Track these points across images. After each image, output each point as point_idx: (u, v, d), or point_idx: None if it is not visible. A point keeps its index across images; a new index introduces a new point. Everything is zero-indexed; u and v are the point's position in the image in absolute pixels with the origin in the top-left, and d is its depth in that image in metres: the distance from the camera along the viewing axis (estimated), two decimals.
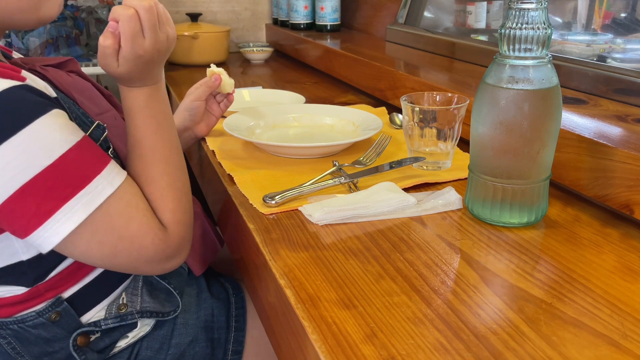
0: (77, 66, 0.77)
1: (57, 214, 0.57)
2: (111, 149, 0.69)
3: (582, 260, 0.58)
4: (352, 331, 0.47)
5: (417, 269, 0.57)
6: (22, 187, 0.55)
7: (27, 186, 0.55)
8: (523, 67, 0.60)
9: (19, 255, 0.64)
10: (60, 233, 0.57)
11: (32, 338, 0.67)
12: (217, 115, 0.98)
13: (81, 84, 0.74)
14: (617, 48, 0.94)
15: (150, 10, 0.63)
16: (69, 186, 0.57)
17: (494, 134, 0.62)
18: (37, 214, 0.56)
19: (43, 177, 0.56)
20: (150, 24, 0.63)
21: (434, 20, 1.51)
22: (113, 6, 1.71)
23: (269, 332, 0.65)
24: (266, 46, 1.95)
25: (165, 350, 0.76)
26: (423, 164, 0.83)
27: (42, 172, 0.56)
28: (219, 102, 0.98)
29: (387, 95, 1.19)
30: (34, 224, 0.57)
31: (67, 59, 0.75)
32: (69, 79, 0.71)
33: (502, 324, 0.48)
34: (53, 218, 0.57)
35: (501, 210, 0.65)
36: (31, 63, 0.69)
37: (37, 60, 0.71)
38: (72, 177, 0.58)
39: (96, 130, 0.67)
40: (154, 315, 0.74)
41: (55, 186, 0.56)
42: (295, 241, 0.63)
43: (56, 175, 0.56)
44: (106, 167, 0.61)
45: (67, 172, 0.57)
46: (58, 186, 0.57)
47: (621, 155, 0.64)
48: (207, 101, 0.97)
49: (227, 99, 0.98)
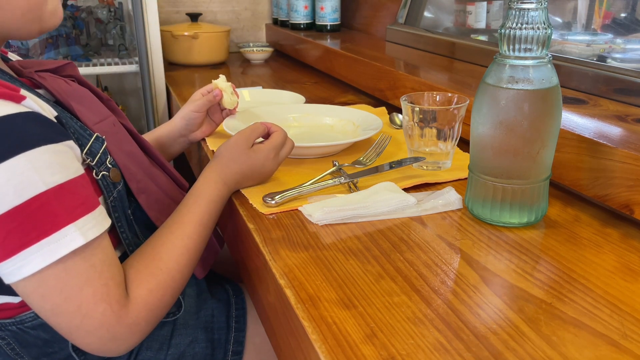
0: (76, 70, 0.76)
1: (16, 257, 0.54)
2: (109, 159, 0.68)
3: (582, 260, 0.58)
4: (352, 331, 0.47)
5: (417, 269, 0.57)
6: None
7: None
8: (523, 67, 0.60)
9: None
10: (16, 275, 0.54)
11: (31, 339, 0.67)
12: (217, 123, 1.01)
13: (80, 92, 0.73)
14: (617, 48, 0.94)
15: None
16: (34, 230, 0.54)
17: (494, 134, 0.62)
18: (1, 250, 0.54)
19: (10, 216, 0.53)
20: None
21: (434, 20, 1.51)
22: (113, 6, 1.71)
23: (269, 332, 0.65)
24: (266, 46, 1.95)
25: (165, 351, 0.76)
26: (423, 164, 0.83)
27: (10, 211, 0.53)
28: (222, 111, 0.99)
29: (387, 95, 1.19)
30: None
31: (65, 63, 0.74)
32: (68, 87, 0.70)
33: (502, 324, 0.48)
34: (12, 259, 0.54)
35: (501, 210, 0.65)
36: (29, 67, 0.68)
37: (34, 64, 0.70)
38: (40, 222, 0.54)
39: (95, 143, 0.65)
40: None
41: (20, 228, 0.53)
42: (295, 241, 0.63)
43: (23, 217, 0.53)
44: (85, 215, 0.56)
45: (35, 216, 0.54)
46: (22, 228, 0.54)
47: (621, 155, 0.64)
48: (211, 109, 0.99)
49: (231, 113, 1.00)
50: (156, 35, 1.56)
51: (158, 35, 1.57)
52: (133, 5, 1.50)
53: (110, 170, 0.67)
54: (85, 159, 0.63)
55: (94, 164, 0.64)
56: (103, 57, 1.73)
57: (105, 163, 0.66)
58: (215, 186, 0.73)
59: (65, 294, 0.56)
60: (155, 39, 1.56)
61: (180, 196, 0.77)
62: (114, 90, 1.92)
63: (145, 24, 1.53)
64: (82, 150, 0.62)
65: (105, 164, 0.66)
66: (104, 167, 0.66)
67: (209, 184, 0.73)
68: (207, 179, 0.73)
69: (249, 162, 0.76)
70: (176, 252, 0.65)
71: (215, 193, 0.72)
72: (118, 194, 0.68)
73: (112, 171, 0.67)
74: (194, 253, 0.68)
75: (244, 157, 0.76)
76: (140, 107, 1.86)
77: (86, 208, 0.57)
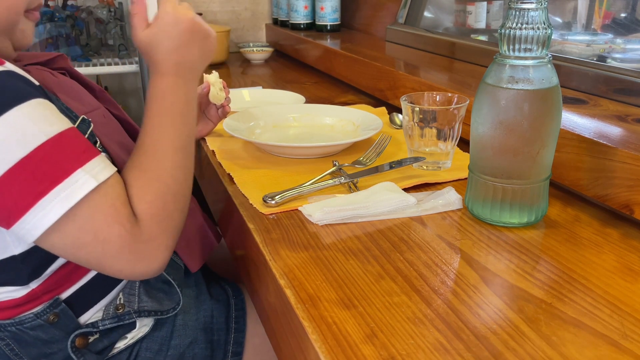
0: (67, 62, 0.75)
1: (33, 209, 0.55)
2: (98, 143, 0.67)
3: (582, 260, 0.58)
4: (352, 331, 0.47)
5: (417, 269, 0.57)
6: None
7: (3, 178, 0.54)
8: (523, 67, 0.60)
9: (11, 250, 0.63)
10: (39, 227, 0.56)
11: (31, 340, 0.67)
12: (214, 121, 0.99)
13: (67, 83, 0.72)
14: (617, 48, 0.94)
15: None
16: (45, 180, 0.55)
17: (494, 134, 0.62)
18: (16, 207, 0.55)
19: (17, 169, 0.54)
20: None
21: (434, 20, 1.51)
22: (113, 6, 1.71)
23: (269, 333, 0.65)
24: (266, 46, 1.95)
25: (164, 352, 0.76)
26: (423, 164, 0.83)
27: (17, 164, 0.54)
28: (218, 110, 0.98)
29: (387, 95, 1.19)
30: (14, 217, 0.56)
31: (56, 56, 0.73)
32: (54, 79, 0.70)
33: (502, 324, 0.48)
34: (30, 212, 0.55)
35: (501, 210, 0.65)
36: (20, 60, 0.68)
37: (26, 57, 0.70)
38: (49, 171, 0.55)
39: (81, 124, 0.65)
40: (152, 315, 0.74)
41: (31, 179, 0.55)
42: (295, 241, 0.63)
43: (32, 168, 0.55)
44: (92, 159, 0.58)
45: (42, 166, 0.55)
46: (34, 179, 0.55)
47: (621, 155, 0.64)
48: (206, 106, 0.97)
49: (222, 109, 0.97)
50: None
51: None
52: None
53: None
54: None
55: None
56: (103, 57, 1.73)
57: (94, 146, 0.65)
58: (161, 78, 0.68)
59: (80, 226, 0.57)
60: None
61: None
62: (114, 90, 1.92)
63: None
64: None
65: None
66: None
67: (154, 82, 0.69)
68: (152, 78, 0.69)
69: (161, 24, 0.68)
70: (157, 161, 0.64)
71: (168, 85, 0.68)
72: None
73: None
74: (177, 154, 0.66)
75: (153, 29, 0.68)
76: (140, 107, 1.86)
77: (91, 154, 0.59)
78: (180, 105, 0.68)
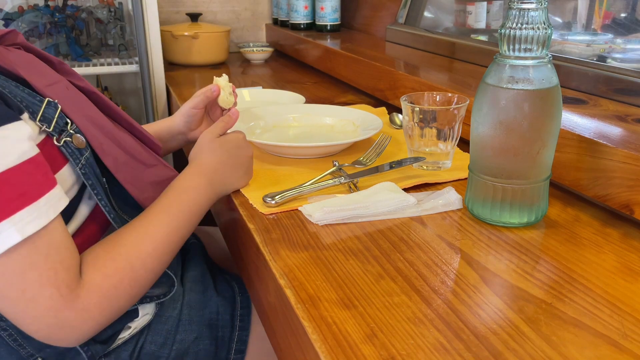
0: (20, 37, 0.72)
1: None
2: (72, 126, 0.65)
3: (582, 260, 0.58)
4: (352, 331, 0.47)
5: (417, 269, 0.57)
6: None
7: None
8: (523, 67, 0.60)
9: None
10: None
11: None
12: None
13: (25, 57, 0.69)
14: (617, 48, 0.94)
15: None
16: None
17: (494, 134, 0.62)
18: None
19: None
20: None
21: (434, 20, 1.51)
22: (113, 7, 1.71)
23: (269, 332, 0.65)
24: (266, 46, 1.95)
25: (169, 346, 0.76)
26: (423, 164, 0.83)
27: None
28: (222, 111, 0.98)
29: (387, 95, 1.19)
30: None
31: (7, 32, 0.70)
32: (10, 54, 0.67)
33: (502, 324, 0.48)
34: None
35: (501, 210, 0.65)
36: None
37: None
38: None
39: (48, 108, 0.63)
40: (153, 299, 0.73)
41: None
42: (295, 241, 0.63)
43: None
44: (23, 209, 0.53)
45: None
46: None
47: (621, 155, 0.64)
48: (211, 108, 0.97)
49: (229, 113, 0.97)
50: (156, 35, 1.56)
51: (158, 36, 1.57)
52: (133, 5, 1.50)
53: (72, 136, 0.64)
54: (40, 127, 0.61)
55: (52, 130, 0.62)
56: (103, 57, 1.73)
57: (66, 130, 0.64)
58: (191, 177, 0.72)
59: (6, 279, 0.54)
60: (155, 39, 1.56)
61: (151, 159, 0.75)
62: (114, 90, 1.92)
63: (145, 24, 1.53)
64: (36, 118, 0.61)
65: (67, 130, 0.64)
66: (65, 134, 0.64)
67: (185, 176, 0.72)
68: (185, 173, 0.73)
69: (224, 148, 0.76)
70: (140, 240, 0.63)
71: (193, 185, 0.71)
72: (86, 160, 0.66)
73: (75, 138, 0.65)
74: (162, 245, 0.65)
75: (215, 144, 0.76)
76: (140, 107, 1.86)
77: (25, 200, 0.54)
78: (195, 208, 0.70)
